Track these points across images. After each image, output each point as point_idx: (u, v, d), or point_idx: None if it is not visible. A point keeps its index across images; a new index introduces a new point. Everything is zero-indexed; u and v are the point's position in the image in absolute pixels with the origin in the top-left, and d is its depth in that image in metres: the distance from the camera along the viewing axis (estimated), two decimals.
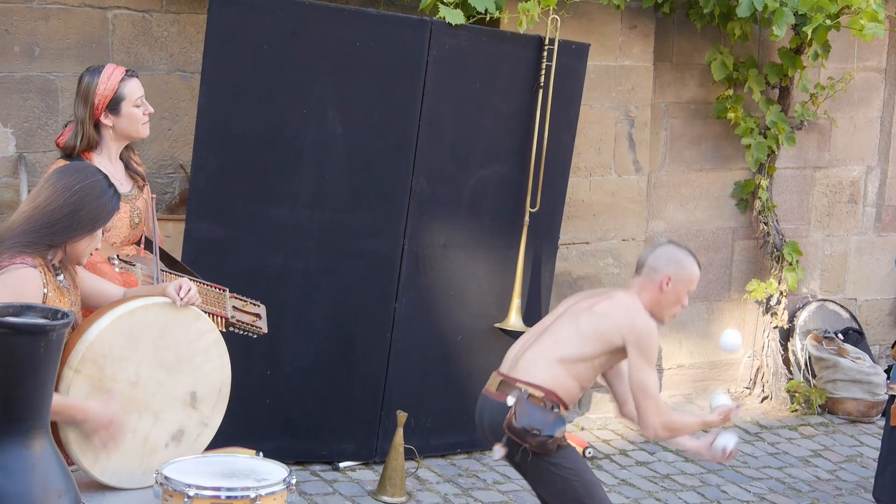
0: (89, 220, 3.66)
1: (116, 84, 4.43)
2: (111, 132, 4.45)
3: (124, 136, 4.48)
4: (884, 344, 8.31)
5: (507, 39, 6.14)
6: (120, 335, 3.64)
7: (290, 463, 5.76)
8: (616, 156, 7.04)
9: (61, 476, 3.08)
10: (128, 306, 3.69)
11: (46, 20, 5.75)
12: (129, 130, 4.46)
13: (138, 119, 4.47)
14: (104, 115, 4.42)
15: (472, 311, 6.26)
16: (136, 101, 4.46)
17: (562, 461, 4.41)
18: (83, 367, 3.55)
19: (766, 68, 7.42)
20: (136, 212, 4.49)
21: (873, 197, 8.22)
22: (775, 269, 7.60)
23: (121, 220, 4.41)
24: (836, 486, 6.54)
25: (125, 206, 4.42)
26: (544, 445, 4.35)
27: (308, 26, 5.62)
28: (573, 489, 4.41)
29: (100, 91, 4.41)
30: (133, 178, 4.55)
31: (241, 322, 4.35)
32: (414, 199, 5.97)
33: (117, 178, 4.44)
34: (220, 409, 3.92)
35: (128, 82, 4.47)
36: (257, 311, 4.45)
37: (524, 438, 4.35)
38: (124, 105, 4.44)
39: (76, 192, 3.65)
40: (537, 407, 4.38)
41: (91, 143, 4.41)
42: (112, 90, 4.42)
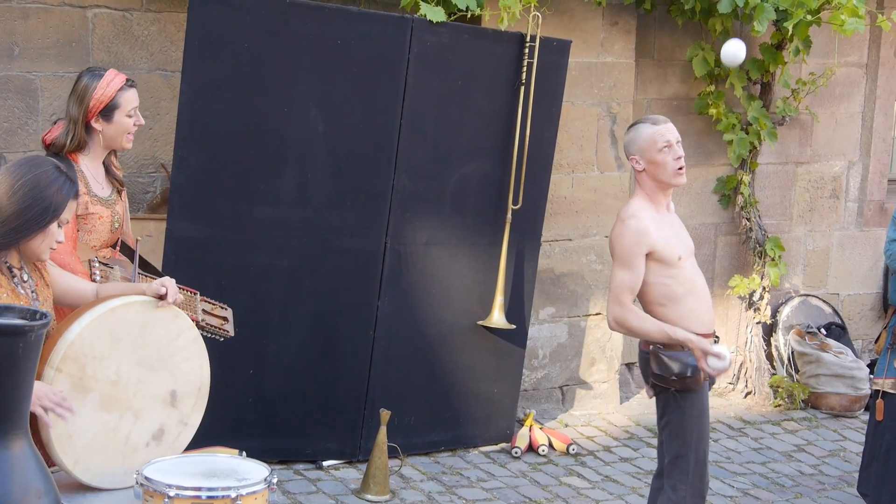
0: (37, 215, 3.53)
1: (115, 92, 4.43)
2: (99, 137, 4.44)
3: (110, 143, 4.48)
4: (866, 339, 8.34)
5: (489, 37, 6.13)
6: (101, 333, 3.62)
7: (274, 462, 5.76)
8: (598, 152, 7.05)
9: (41, 477, 3.07)
10: (109, 304, 3.68)
11: (26, 19, 5.73)
12: (116, 140, 4.46)
13: (127, 129, 4.46)
14: (95, 120, 4.41)
15: (455, 308, 6.26)
16: (129, 112, 4.46)
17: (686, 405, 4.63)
18: (64, 366, 3.54)
19: (748, 64, 7.43)
20: (117, 216, 4.49)
21: (855, 192, 8.25)
22: (758, 264, 7.62)
23: (102, 223, 4.40)
24: (819, 480, 6.56)
25: (106, 210, 4.41)
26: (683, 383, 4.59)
27: (289, 24, 5.60)
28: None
29: (97, 95, 4.40)
30: (112, 182, 4.54)
31: (209, 325, 4.35)
32: (396, 197, 5.97)
33: (98, 182, 4.44)
34: (200, 408, 3.91)
35: (126, 92, 4.47)
36: (225, 314, 4.46)
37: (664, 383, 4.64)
38: (117, 114, 4.43)
39: (19, 189, 3.51)
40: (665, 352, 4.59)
41: (81, 144, 4.41)
42: (109, 97, 4.42)
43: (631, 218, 4.60)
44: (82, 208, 4.34)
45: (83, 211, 4.34)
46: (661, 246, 4.59)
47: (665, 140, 4.60)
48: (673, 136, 4.63)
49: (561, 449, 6.53)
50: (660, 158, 4.60)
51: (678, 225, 4.78)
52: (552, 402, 7.13)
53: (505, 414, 6.56)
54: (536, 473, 6.26)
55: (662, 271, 4.59)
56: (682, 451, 4.67)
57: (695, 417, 4.66)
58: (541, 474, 6.25)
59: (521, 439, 6.49)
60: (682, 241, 4.70)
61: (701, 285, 4.70)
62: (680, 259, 4.61)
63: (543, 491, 6.04)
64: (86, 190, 4.36)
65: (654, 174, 4.63)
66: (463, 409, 6.40)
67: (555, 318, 7.05)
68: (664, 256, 4.58)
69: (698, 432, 4.67)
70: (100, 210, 4.39)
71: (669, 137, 4.61)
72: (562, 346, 7.09)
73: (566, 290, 7.05)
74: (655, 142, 4.60)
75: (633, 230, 4.56)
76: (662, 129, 4.62)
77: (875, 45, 8.12)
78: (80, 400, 3.59)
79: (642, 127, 4.67)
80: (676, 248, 4.63)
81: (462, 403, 6.39)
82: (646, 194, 4.67)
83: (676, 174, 4.63)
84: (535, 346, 6.97)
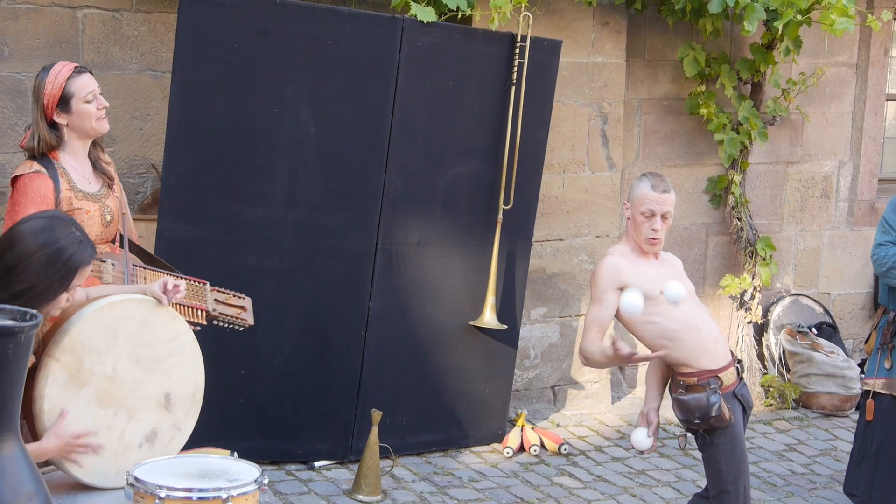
0: (58, 281, 3.44)
1: (63, 81, 4.34)
2: (68, 130, 4.38)
3: (81, 133, 4.39)
4: (857, 338, 8.35)
5: (479, 37, 6.13)
6: (100, 326, 3.62)
7: (265, 463, 5.75)
8: (589, 152, 7.05)
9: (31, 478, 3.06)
10: (109, 298, 3.68)
11: (16, 20, 5.71)
12: (84, 127, 4.37)
13: (91, 115, 4.36)
14: (56, 114, 4.34)
15: (446, 308, 6.25)
16: (85, 97, 4.36)
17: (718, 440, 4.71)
18: (62, 356, 3.53)
19: (738, 64, 7.45)
20: (107, 210, 4.44)
21: (845, 192, 8.26)
22: (749, 264, 7.63)
23: (90, 218, 4.37)
24: (810, 479, 6.57)
25: (93, 205, 4.38)
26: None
27: (279, 24, 5.60)
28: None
29: (47, 90, 4.33)
30: (101, 177, 4.51)
31: (224, 315, 4.34)
32: (387, 198, 5.97)
33: (84, 177, 4.40)
34: (193, 414, 3.90)
35: (76, 79, 4.37)
36: (242, 303, 4.44)
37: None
38: (74, 102, 4.34)
39: (40, 256, 3.41)
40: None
41: (48, 143, 4.34)
42: (59, 88, 4.33)
43: (608, 255, 4.73)
44: (66, 205, 4.29)
45: (68, 207, 4.29)
46: (636, 280, 4.60)
47: (649, 209, 4.65)
48: (659, 208, 4.65)
49: (552, 449, 6.53)
50: (640, 220, 4.68)
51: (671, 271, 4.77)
52: (544, 402, 7.13)
53: (496, 414, 6.56)
54: (528, 473, 6.26)
55: (647, 309, 4.59)
56: (723, 486, 4.74)
57: (728, 453, 4.70)
58: (532, 474, 6.25)
59: (513, 439, 6.49)
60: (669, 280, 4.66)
61: (700, 320, 4.69)
62: (662, 293, 4.60)
63: (535, 491, 6.04)
64: (68, 186, 4.31)
65: (633, 227, 4.72)
66: (454, 409, 6.40)
67: (546, 318, 7.05)
68: (642, 291, 4.58)
69: (735, 468, 4.71)
70: (86, 205, 4.34)
71: (654, 208, 4.65)
72: (553, 346, 7.10)
73: (557, 290, 7.06)
74: (642, 204, 4.67)
75: (607, 266, 4.66)
76: (653, 197, 4.66)
77: (865, 44, 8.13)
78: (76, 392, 3.58)
79: (644, 181, 4.71)
80: (658, 283, 4.61)
81: (454, 404, 6.39)
82: (629, 238, 4.76)
83: (648, 241, 4.69)
84: (527, 346, 6.97)
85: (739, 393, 4.73)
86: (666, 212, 4.66)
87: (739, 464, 4.71)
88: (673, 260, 4.88)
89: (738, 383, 4.74)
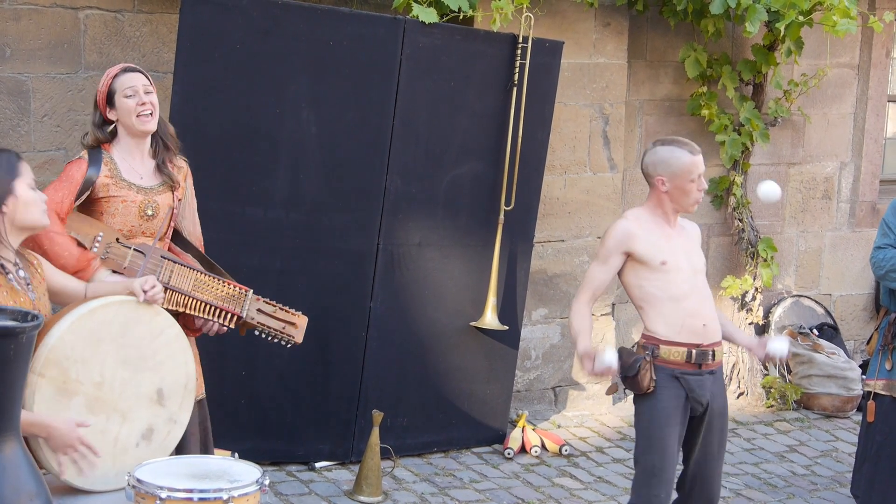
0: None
1: (111, 79, 4.51)
2: (119, 127, 4.53)
3: (128, 129, 4.52)
4: (859, 339, 8.35)
5: (481, 38, 6.14)
6: (81, 336, 3.62)
7: (266, 464, 5.75)
8: (591, 153, 7.05)
9: (32, 479, 3.06)
10: (87, 306, 3.68)
11: (17, 21, 5.71)
12: (127, 122, 4.50)
13: (130, 110, 4.48)
14: (108, 111, 4.51)
15: (447, 309, 6.25)
16: (125, 92, 4.48)
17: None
18: (46, 371, 3.53)
19: (740, 65, 7.45)
20: (152, 204, 4.50)
21: (847, 193, 8.26)
22: (750, 265, 7.63)
23: (127, 207, 4.44)
24: (811, 481, 6.56)
25: (136, 195, 4.45)
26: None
27: (281, 25, 5.60)
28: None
29: (100, 89, 4.52)
30: (162, 177, 4.57)
31: (263, 325, 4.43)
32: (388, 198, 5.97)
33: (134, 169, 4.49)
34: (188, 405, 3.91)
35: (121, 76, 4.53)
36: (293, 319, 4.52)
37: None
38: (117, 98, 4.49)
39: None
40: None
41: (98, 138, 4.50)
42: (106, 85, 4.50)
43: (623, 219, 4.71)
44: (103, 191, 4.41)
45: (104, 193, 4.41)
46: (643, 247, 4.62)
47: (699, 172, 4.66)
48: (701, 170, 4.69)
49: (553, 450, 6.53)
50: (689, 188, 4.66)
51: (683, 241, 4.77)
52: (545, 403, 7.13)
53: (497, 415, 6.56)
54: (529, 474, 6.26)
55: (643, 273, 4.63)
56: (634, 455, 4.73)
57: (643, 424, 4.66)
58: (533, 475, 6.25)
59: (514, 440, 6.49)
60: (676, 251, 4.68)
61: (688, 295, 4.65)
62: (664, 264, 4.61)
63: (536, 492, 6.04)
64: (109, 174, 4.42)
65: (676, 198, 4.68)
66: (455, 410, 6.40)
67: (547, 318, 7.05)
68: (645, 258, 4.61)
69: (646, 440, 4.65)
70: (125, 194, 4.44)
71: (700, 171, 4.67)
72: (554, 347, 7.10)
73: (559, 290, 7.06)
74: (690, 172, 4.65)
75: (617, 229, 4.67)
76: (698, 161, 4.66)
77: (867, 46, 8.13)
78: (66, 405, 3.58)
79: (679, 152, 4.67)
80: (663, 254, 4.63)
81: (454, 404, 6.39)
82: (653, 206, 4.73)
83: (696, 203, 4.71)
84: (528, 346, 6.97)
85: (683, 377, 4.60)
86: (703, 171, 4.70)
87: (651, 438, 4.62)
88: (690, 228, 4.87)
89: (689, 368, 4.60)
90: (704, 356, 4.63)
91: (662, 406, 4.61)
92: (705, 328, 4.67)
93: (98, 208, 4.44)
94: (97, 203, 4.43)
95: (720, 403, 4.73)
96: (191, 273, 4.37)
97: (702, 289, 4.76)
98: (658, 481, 4.61)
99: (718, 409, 4.73)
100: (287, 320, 4.52)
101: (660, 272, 4.62)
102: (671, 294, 4.62)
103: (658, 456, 4.62)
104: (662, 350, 4.60)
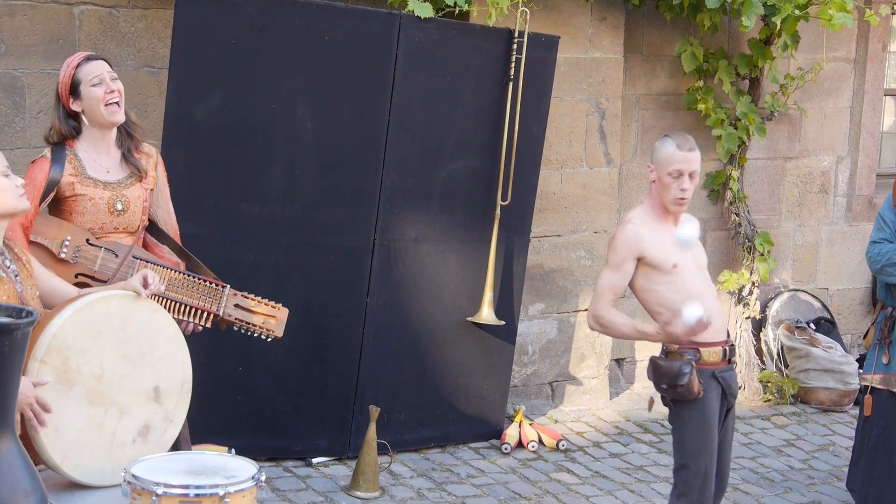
0: None
1: (73, 69, 4.41)
2: (85, 118, 4.43)
3: (95, 119, 4.42)
4: (855, 333, 8.35)
5: (477, 32, 6.13)
6: (82, 326, 3.62)
7: (263, 459, 5.75)
8: (587, 148, 7.04)
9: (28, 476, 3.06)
10: (88, 298, 3.69)
11: (12, 16, 5.70)
12: (95, 114, 4.40)
13: (98, 98, 4.37)
14: (72, 102, 4.41)
15: (444, 304, 6.25)
16: (91, 81, 4.39)
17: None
18: (48, 359, 3.53)
19: (736, 59, 7.44)
20: (121, 199, 4.43)
21: (844, 187, 8.26)
22: (747, 259, 7.63)
23: (94, 205, 4.37)
24: (808, 475, 6.56)
25: (103, 192, 4.39)
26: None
27: (276, 20, 5.59)
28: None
29: (61, 80, 4.42)
30: (130, 168, 4.51)
31: (241, 321, 4.40)
32: (385, 194, 5.96)
33: (99, 164, 4.41)
34: (184, 404, 3.90)
35: (85, 65, 4.42)
36: (273, 312, 4.50)
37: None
38: (82, 87, 4.39)
39: None
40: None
41: (60, 133, 4.41)
42: (69, 76, 4.40)
43: (629, 222, 4.66)
44: (68, 190, 4.34)
45: (70, 192, 4.35)
46: (653, 252, 4.59)
47: (677, 169, 4.61)
48: (686, 167, 4.62)
49: (551, 445, 6.53)
50: (667, 181, 4.63)
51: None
52: (542, 398, 7.13)
53: (494, 410, 6.55)
54: (526, 469, 6.26)
55: (655, 277, 4.61)
56: (682, 461, 4.68)
57: (693, 429, 4.64)
58: (530, 470, 6.25)
59: (511, 435, 6.49)
60: (683, 252, 4.67)
61: (699, 294, 4.62)
62: (675, 267, 4.60)
63: (533, 487, 6.04)
64: (74, 171, 4.36)
65: (660, 191, 4.67)
66: (452, 405, 6.40)
67: (544, 314, 7.05)
68: (656, 262, 4.60)
69: (698, 445, 4.64)
70: (91, 192, 4.37)
71: (682, 167, 4.61)
72: (551, 342, 7.09)
73: (555, 285, 7.05)
74: (669, 164, 4.62)
75: (627, 234, 4.62)
76: (680, 157, 4.62)
77: (863, 39, 8.12)
78: (66, 393, 3.58)
79: (668, 142, 4.67)
80: (673, 257, 4.61)
81: (451, 400, 6.39)
82: (653, 202, 4.71)
83: (676, 202, 4.65)
84: (525, 342, 6.97)
85: (720, 375, 4.65)
86: (693, 170, 4.63)
87: (703, 442, 4.63)
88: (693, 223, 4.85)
89: (724, 366, 4.67)
90: (733, 351, 4.73)
91: (710, 409, 4.64)
92: (723, 323, 4.74)
93: (66, 207, 4.37)
94: (64, 202, 4.36)
95: (736, 394, 4.82)
96: (165, 272, 4.33)
97: (711, 285, 4.79)
98: (710, 483, 4.65)
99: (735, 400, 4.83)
100: (267, 314, 4.47)
101: (672, 275, 4.60)
102: (688, 296, 4.57)
103: (710, 458, 4.65)
104: (703, 353, 4.60)
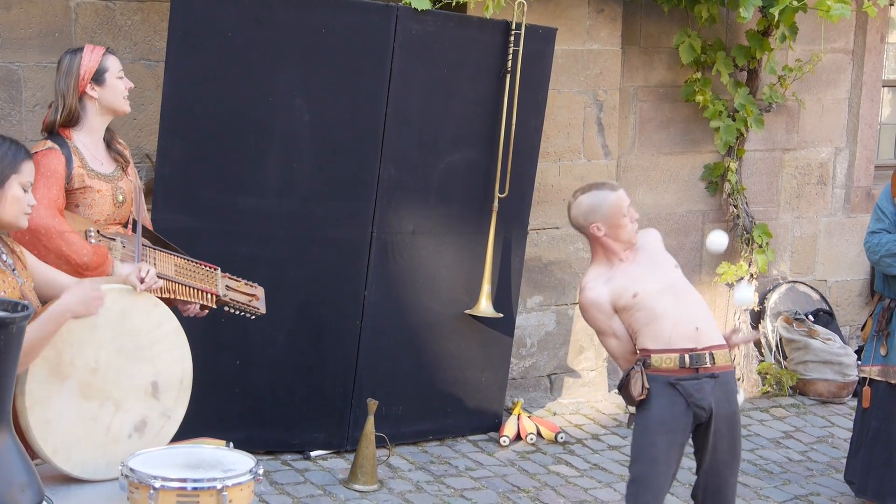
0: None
1: (100, 57, 4.56)
2: (96, 105, 4.54)
3: (109, 108, 4.56)
4: (854, 325, 8.35)
5: (474, 24, 6.11)
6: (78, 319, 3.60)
7: (261, 453, 5.75)
8: (585, 140, 7.03)
9: (24, 469, 3.05)
10: None
11: (8, 10, 5.69)
12: (114, 103, 4.55)
13: (121, 91, 4.57)
14: (90, 87, 4.51)
15: (442, 297, 6.24)
16: (118, 74, 4.58)
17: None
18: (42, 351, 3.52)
19: (734, 51, 7.43)
20: (120, 191, 4.54)
21: (842, 178, 8.25)
22: (745, 251, 7.62)
23: (102, 198, 4.47)
24: (807, 467, 6.56)
25: (106, 185, 4.48)
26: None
27: (273, 13, 5.58)
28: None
29: (84, 63, 4.52)
30: (115, 159, 4.60)
31: (235, 301, 4.46)
32: (382, 186, 5.95)
33: (97, 158, 4.49)
34: (183, 401, 3.89)
35: (109, 57, 4.61)
36: (254, 291, 4.57)
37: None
38: (108, 76, 4.55)
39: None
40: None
41: (73, 116, 4.49)
42: (97, 62, 4.53)
43: (585, 290, 4.65)
44: (78, 182, 4.41)
45: (79, 184, 4.42)
46: (617, 298, 4.59)
47: (627, 204, 4.65)
48: (628, 199, 4.69)
49: (549, 437, 6.53)
50: (623, 222, 4.63)
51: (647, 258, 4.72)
52: (540, 390, 7.12)
53: (493, 403, 6.55)
54: (524, 462, 6.26)
55: (624, 314, 4.62)
56: (630, 465, 4.69)
57: (637, 434, 4.61)
58: (529, 463, 6.25)
59: (509, 428, 6.49)
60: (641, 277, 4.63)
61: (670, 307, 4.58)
62: (635, 296, 4.58)
63: (531, 479, 6.04)
64: (80, 164, 4.43)
65: (615, 236, 4.64)
66: (450, 398, 6.39)
67: (542, 306, 7.04)
68: (621, 305, 4.60)
69: (636, 450, 4.61)
70: (97, 184, 4.46)
71: (626, 201, 4.66)
72: (549, 335, 7.09)
73: (553, 278, 7.05)
74: (619, 208, 4.63)
75: (591, 304, 4.62)
76: (621, 195, 4.65)
77: (861, 31, 8.11)
78: (59, 386, 3.57)
79: (602, 193, 4.65)
80: (631, 289, 4.59)
81: (450, 392, 6.38)
82: (602, 258, 4.69)
83: (634, 235, 4.68)
84: (523, 334, 6.96)
85: (680, 384, 4.53)
86: (629, 202, 4.69)
87: (640, 447, 4.59)
88: (646, 240, 4.78)
89: (684, 374, 4.53)
90: (700, 359, 4.54)
91: (653, 415, 4.57)
92: (698, 331, 4.59)
93: (73, 200, 4.42)
94: (71, 195, 4.41)
95: (727, 409, 4.62)
96: (171, 258, 4.37)
97: (683, 294, 4.67)
98: (644, 489, 4.57)
99: (726, 415, 4.62)
100: (248, 293, 4.55)
101: (634, 305, 4.59)
102: (653, 316, 4.57)
103: (645, 465, 4.58)
104: (653, 358, 4.54)
